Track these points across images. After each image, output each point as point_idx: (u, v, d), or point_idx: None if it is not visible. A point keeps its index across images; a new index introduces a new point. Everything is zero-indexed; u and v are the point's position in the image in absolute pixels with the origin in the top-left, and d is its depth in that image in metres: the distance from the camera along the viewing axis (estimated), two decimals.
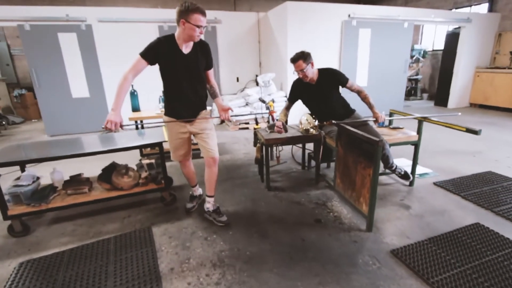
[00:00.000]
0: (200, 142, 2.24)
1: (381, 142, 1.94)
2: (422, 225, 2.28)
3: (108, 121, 1.84)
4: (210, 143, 2.23)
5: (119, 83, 1.92)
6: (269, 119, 3.34)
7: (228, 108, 2.20)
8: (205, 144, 2.22)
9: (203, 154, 2.27)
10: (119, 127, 1.88)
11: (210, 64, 2.20)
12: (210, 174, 2.30)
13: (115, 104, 1.89)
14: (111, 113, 1.87)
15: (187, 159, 2.39)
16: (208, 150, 2.22)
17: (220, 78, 6.24)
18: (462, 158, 3.74)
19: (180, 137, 2.23)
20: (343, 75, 2.68)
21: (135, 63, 1.95)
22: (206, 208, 2.37)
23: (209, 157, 2.24)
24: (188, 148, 2.33)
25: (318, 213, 2.49)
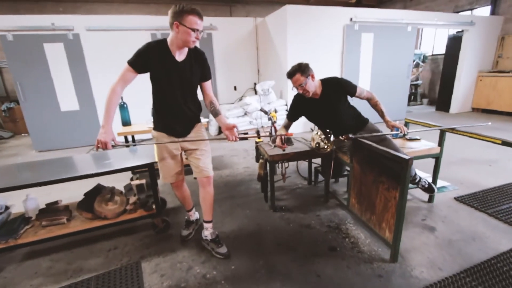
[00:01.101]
0: (193, 160, 1.95)
1: (411, 161, 1.66)
2: (453, 253, 1.99)
3: (98, 142, 1.62)
4: (204, 160, 1.95)
5: (107, 97, 1.68)
6: (271, 131, 3.06)
7: (233, 126, 1.87)
8: (198, 162, 1.93)
9: (195, 174, 1.97)
10: (110, 146, 1.65)
11: (206, 75, 1.90)
12: (206, 196, 2.00)
13: (104, 120, 1.67)
14: (101, 131, 1.64)
15: (180, 180, 2.09)
16: (201, 169, 1.94)
17: (217, 87, 5.97)
18: (478, 168, 3.48)
19: (172, 155, 1.94)
20: (350, 83, 2.35)
21: (123, 73, 1.70)
22: (204, 236, 2.07)
23: (203, 176, 1.94)
24: (181, 167, 2.03)
25: (332, 238, 2.19)
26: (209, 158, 2.00)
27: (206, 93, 1.95)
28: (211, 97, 1.95)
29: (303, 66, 2.24)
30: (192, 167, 1.97)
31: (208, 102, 1.95)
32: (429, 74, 8.71)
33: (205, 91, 1.95)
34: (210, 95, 1.95)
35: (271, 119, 3.02)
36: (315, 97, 2.34)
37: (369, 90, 2.39)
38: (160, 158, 1.95)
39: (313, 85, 2.28)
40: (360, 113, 2.46)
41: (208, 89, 1.95)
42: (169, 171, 1.98)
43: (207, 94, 1.95)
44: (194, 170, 1.97)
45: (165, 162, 1.95)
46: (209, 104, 1.94)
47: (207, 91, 1.95)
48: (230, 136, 1.86)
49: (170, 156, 1.94)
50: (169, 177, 2.00)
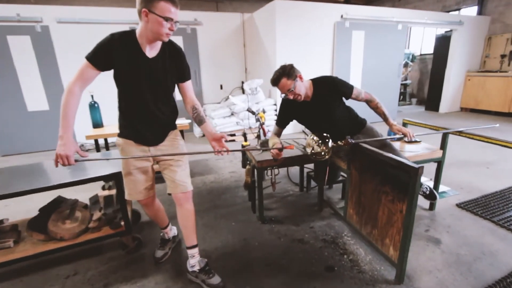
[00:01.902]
0: (167, 173, 1.64)
1: (421, 170, 1.42)
2: (463, 270, 1.77)
3: (58, 157, 1.31)
4: (180, 173, 1.63)
5: (62, 100, 1.35)
6: (259, 133, 2.78)
7: (221, 136, 1.57)
8: (173, 175, 1.62)
9: (170, 189, 1.66)
10: (73, 161, 1.33)
11: (185, 75, 1.59)
12: (185, 215, 1.68)
13: (62, 129, 1.33)
14: (59, 143, 1.31)
15: (151, 197, 1.76)
16: (178, 184, 1.62)
17: (202, 85, 5.65)
18: (476, 170, 3.32)
19: (140, 167, 1.62)
20: (345, 83, 2.07)
21: (81, 71, 1.38)
22: (191, 267, 1.72)
23: (180, 192, 1.64)
24: (151, 181, 1.71)
25: (328, 255, 1.94)
26: (187, 170, 1.69)
27: (186, 96, 1.63)
28: (193, 101, 1.63)
29: (288, 68, 1.94)
30: (167, 181, 1.66)
31: (190, 107, 1.62)
32: (417, 74, 8.67)
33: (185, 94, 1.63)
34: (192, 99, 1.63)
35: (259, 120, 2.74)
36: (306, 99, 2.05)
37: (368, 91, 2.12)
38: (126, 172, 1.62)
39: (303, 87, 1.99)
40: (357, 115, 2.22)
41: (189, 92, 1.63)
42: (136, 186, 1.65)
43: (188, 98, 1.63)
44: (168, 184, 1.66)
45: (132, 176, 1.62)
46: (191, 109, 1.62)
47: (187, 93, 1.63)
48: (219, 148, 1.56)
49: (138, 169, 1.62)
50: (137, 193, 1.66)
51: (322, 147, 1.59)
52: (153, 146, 1.61)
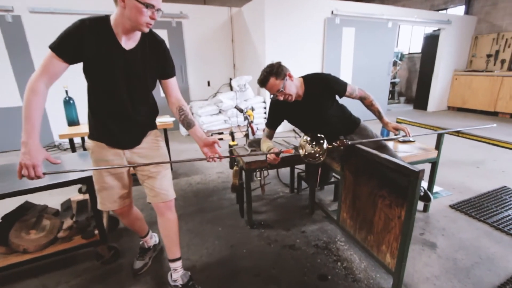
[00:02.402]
0: (146, 180, 1.47)
1: (422, 173, 1.31)
2: (461, 277, 1.69)
3: (22, 167, 1.09)
4: (161, 180, 1.46)
5: (24, 100, 1.13)
6: (248, 132, 2.64)
7: (214, 141, 1.41)
8: (153, 182, 1.45)
9: (150, 198, 1.49)
10: (41, 173, 1.11)
11: (169, 71, 1.41)
12: (167, 226, 1.52)
13: (25, 134, 1.10)
14: (22, 151, 1.09)
15: (126, 206, 1.57)
16: (158, 192, 1.46)
17: (189, 82, 5.44)
18: (466, 169, 3.29)
19: (114, 173, 1.44)
20: (338, 81, 1.92)
21: (45, 63, 1.15)
22: (173, 281, 1.57)
23: (160, 201, 1.47)
24: (128, 189, 1.53)
25: (321, 263, 1.82)
26: (168, 176, 1.51)
27: (171, 96, 1.44)
28: (180, 102, 1.43)
29: (275, 67, 1.78)
30: (145, 189, 1.49)
31: (176, 108, 1.43)
32: (405, 72, 8.72)
33: (169, 93, 1.44)
34: (178, 99, 1.44)
35: (247, 118, 2.60)
36: (298, 98, 1.91)
37: (362, 88, 2.00)
38: (98, 178, 1.43)
39: (293, 87, 1.83)
40: (351, 113, 2.10)
41: (174, 91, 1.43)
42: (110, 195, 1.46)
43: (173, 97, 1.44)
44: (147, 193, 1.49)
45: (104, 183, 1.43)
46: (177, 111, 1.43)
47: (172, 92, 1.43)
48: (211, 155, 1.40)
49: (112, 175, 1.44)
50: (110, 202, 1.48)
51: (316, 149, 1.46)
52: (128, 149, 1.43)
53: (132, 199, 1.64)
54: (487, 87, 6.31)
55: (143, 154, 1.46)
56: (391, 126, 1.92)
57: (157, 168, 1.46)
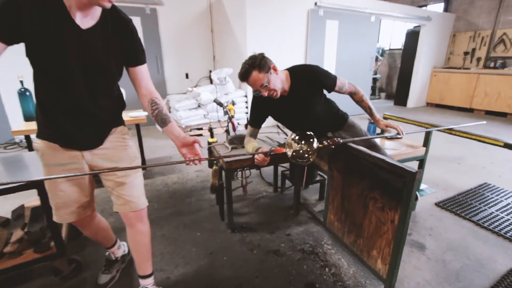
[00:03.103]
0: (111, 185, 1.25)
1: (418, 174, 1.20)
2: (452, 280, 1.62)
3: None
4: (129, 186, 1.25)
5: None
6: (228, 128, 2.46)
7: (194, 140, 1.21)
8: (120, 189, 1.24)
9: (116, 207, 1.28)
10: None
11: (137, 56, 1.17)
12: (138, 239, 1.32)
13: None
14: None
15: (87, 216, 1.35)
16: (126, 200, 1.25)
17: (165, 74, 5.13)
18: (448, 166, 3.30)
19: (71, 179, 1.22)
20: (328, 74, 1.77)
21: None
22: None
23: (130, 211, 1.27)
24: (89, 196, 1.31)
25: (308, 269, 1.69)
26: (138, 180, 1.30)
27: (141, 87, 1.20)
28: (152, 94, 1.21)
29: (258, 58, 1.58)
30: (112, 196, 1.28)
31: (148, 102, 1.20)
32: (386, 68, 8.81)
33: (139, 84, 1.20)
34: (150, 90, 1.21)
35: (228, 113, 2.41)
36: (283, 94, 1.73)
37: (351, 82, 1.86)
38: (51, 186, 1.20)
39: (279, 81, 1.65)
40: (338, 109, 1.97)
41: (144, 80, 1.20)
42: (67, 205, 1.24)
43: (144, 89, 1.20)
44: (114, 201, 1.27)
45: (59, 191, 1.20)
46: (149, 105, 1.20)
47: (142, 83, 1.20)
48: (191, 157, 1.21)
49: (69, 181, 1.21)
50: (68, 214, 1.25)
51: (306, 148, 1.31)
52: (88, 151, 1.21)
53: (95, 206, 1.42)
54: (464, 84, 6.46)
55: (108, 156, 1.23)
56: (383, 124, 1.80)
57: (125, 172, 1.25)
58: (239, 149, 2.07)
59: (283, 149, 1.33)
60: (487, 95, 6.11)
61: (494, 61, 6.42)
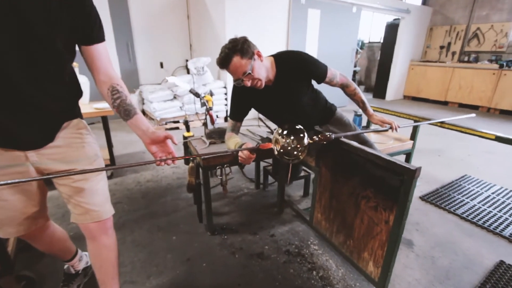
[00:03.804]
0: (69, 193, 1.03)
1: (418, 172, 1.08)
2: (442, 278, 1.56)
3: None
4: (90, 193, 1.05)
5: None
6: (206, 120, 2.26)
7: (166, 136, 1.00)
8: (78, 196, 1.03)
9: (74, 217, 1.06)
10: None
11: (93, 33, 0.93)
12: (102, 255, 1.13)
13: None
14: None
15: (38, 228, 1.13)
16: (86, 209, 1.05)
17: (137, 63, 4.78)
18: (429, 158, 3.31)
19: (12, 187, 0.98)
20: (317, 63, 1.56)
21: None
22: None
23: (91, 222, 1.07)
24: (39, 205, 1.07)
25: (294, 273, 1.57)
26: (101, 185, 1.10)
27: (98, 71, 0.97)
28: (112, 79, 0.98)
29: (240, 42, 1.37)
30: (68, 205, 1.06)
31: (108, 90, 0.97)
32: (365, 61, 8.86)
33: (95, 67, 0.97)
34: (110, 75, 0.98)
35: (205, 105, 2.21)
36: (267, 83, 1.53)
37: (343, 73, 1.71)
38: None
39: (263, 69, 1.45)
40: (326, 100, 1.83)
41: (102, 63, 0.97)
42: (11, 216, 1.01)
43: (102, 73, 0.98)
44: (71, 210, 1.06)
45: (1, 202, 0.97)
46: (109, 93, 0.98)
47: (99, 65, 0.97)
48: (162, 155, 1.02)
49: (12, 188, 0.98)
50: (14, 226, 1.03)
51: (296, 145, 1.15)
52: (34, 150, 0.97)
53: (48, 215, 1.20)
54: (439, 78, 6.61)
55: (60, 157, 1.00)
56: (376, 119, 1.67)
57: (84, 175, 1.04)
58: (218, 144, 1.89)
59: (271, 144, 1.17)
60: (461, 88, 6.29)
61: (468, 55, 6.61)
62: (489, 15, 6.23)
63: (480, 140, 3.78)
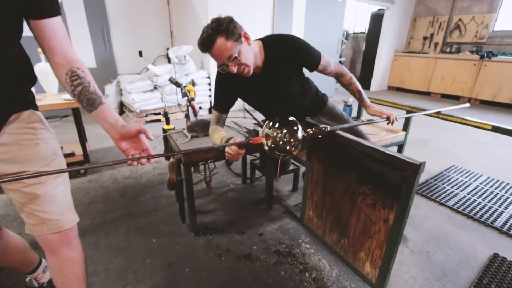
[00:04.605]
0: (21, 200, 0.86)
1: (422, 167, 0.98)
2: (438, 275, 1.50)
3: None
4: (46, 199, 0.88)
5: None
6: (188, 112, 2.09)
7: (138, 131, 0.82)
8: (32, 204, 0.86)
9: (29, 228, 0.89)
10: None
11: (44, 4, 0.75)
12: (65, 270, 0.97)
13: None
14: None
15: None
16: (42, 219, 0.88)
17: (114, 51, 4.47)
18: (415, 148, 3.29)
19: None
20: (310, 48, 1.42)
21: None
22: None
23: (49, 233, 0.90)
24: None
25: (286, 275, 1.46)
26: (61, 189, 0.92)
27: (53, 51, 0.80)
28: (71, 62, 0.81)
29: (226, 22, 1.20)
30: (22, 214, 0.89)
31: (66, 74, 0.80)
32: (350, 52, 8.82)
33: (48, 47, 0.79)
34: (68, 57, 0.81)
35: (187, 95, 2.04)
36: (255, 70, 1.37)
37: (337, 62, 1.58)
38: None
39: (251, 54, 1.29)
40: (318, 89, 1.70)
41: (57, 41, 0.79)
42: None
43: (59, 54, 0.80)
44: (25, 219, 0.89)
45: None
46: (67, 77, 0.80)
47: (53, 44, 0.79)
48: (135, 153, 0.86)
49: None
50: None
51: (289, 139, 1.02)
52: None
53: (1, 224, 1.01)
54: (422, 69, 6.66)
55: (7, 156, 0.82)
56: (373, 111, 1.55)
57: (39, 178, 0.86)
58: (202, 137, 1.73)
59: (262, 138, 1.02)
60: (443, 79, 6.36)
61: (450, 46, 6.68)
62: (470, 6, 6.29)
63: (464, 131, 3.84)
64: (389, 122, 1.53)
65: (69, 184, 0.98)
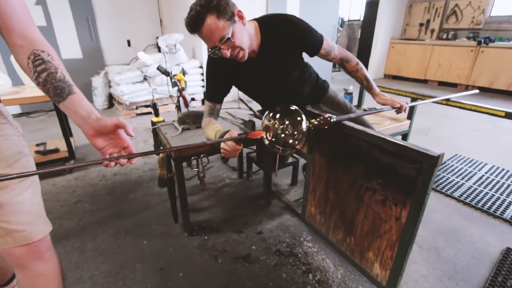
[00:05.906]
0: None
1: (440, 159, 0.86)
2: (449, 272, 1.41)
3: None
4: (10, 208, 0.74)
5: None
6: (179, 103, 1.94)
7: (115, 125, 0.68)
8: None
9: None
10: None
11: None
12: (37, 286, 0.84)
13: None
14: None
15: None
16: (7, 230, 0.75)
17: (101, 40, 4.25)
18: (418, 138, 3.19)
19: None
20: (312, 30, 1.26)
21: None
22: None
23: (15, 246, 0.77)
24: None
25: (287, 278, 1.35)
26: (27, 194, 0.78)
27: (10, 30, 0.63)
28: (34, 43, 0.65)
29: None
30: None
31: (28, 57, 0.65)
32: (345, 40, 8.65)
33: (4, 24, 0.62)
34: (30, 38, 0.65)
35: (177, 85, 1.88)
36: (250, 55, 1.22)
37: (341, 47, 1.42)
38: None
39: (246, 35, 1.14)
40: (318, 75, 1.56)
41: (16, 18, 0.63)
42: None
43: (18, 34, 0.64)
44: None
45: None
46: (29, 61, 0.65)
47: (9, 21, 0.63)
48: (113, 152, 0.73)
49: None
50: None
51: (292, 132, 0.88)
52: None
53: None
54: (419, 56, 6.54)
55: None
56: (384, 99, 1.40)
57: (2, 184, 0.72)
58: (193, 130, 1.60)
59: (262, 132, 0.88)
60: (440, 66, 6.26)
61: (447, 33, 6.55)
62: None
63: (465, 118, 3.75)
64: (399, 111, 1.40)
65: (39, 188, 0.85)
